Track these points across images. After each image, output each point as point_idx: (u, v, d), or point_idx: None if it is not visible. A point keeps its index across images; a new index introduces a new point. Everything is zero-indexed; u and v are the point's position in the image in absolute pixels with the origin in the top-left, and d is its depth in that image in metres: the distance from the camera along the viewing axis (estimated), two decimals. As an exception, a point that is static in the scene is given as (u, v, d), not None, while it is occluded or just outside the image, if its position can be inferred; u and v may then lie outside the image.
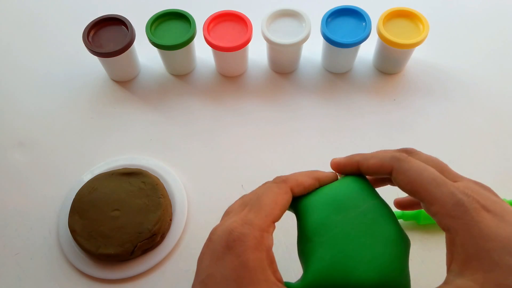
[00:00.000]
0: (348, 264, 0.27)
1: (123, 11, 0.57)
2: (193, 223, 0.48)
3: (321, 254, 0.28)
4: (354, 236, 0.28)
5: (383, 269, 0.26)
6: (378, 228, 0.28)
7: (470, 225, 0.24)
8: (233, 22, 0.56)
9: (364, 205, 0.29)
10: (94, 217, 0.45)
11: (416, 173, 0.27)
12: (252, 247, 0.25)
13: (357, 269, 0.26)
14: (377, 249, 0.27)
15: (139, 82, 0.60)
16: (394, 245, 0.27)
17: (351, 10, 0.55)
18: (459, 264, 0.24)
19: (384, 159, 0.29)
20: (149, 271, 0.45)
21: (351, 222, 0.29)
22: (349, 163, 0.32)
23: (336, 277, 0.27)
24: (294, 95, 0.58)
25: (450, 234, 0.25)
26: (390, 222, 0.28)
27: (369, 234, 0.28)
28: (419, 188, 0.26)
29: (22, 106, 0.58)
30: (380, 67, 0.59)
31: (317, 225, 0.29)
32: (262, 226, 0.27)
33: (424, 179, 0.26)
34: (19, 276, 0.46)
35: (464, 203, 0.25)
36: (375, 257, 0.27)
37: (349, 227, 0.28)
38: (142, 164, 0.51)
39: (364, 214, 0.29)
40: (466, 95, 0.57)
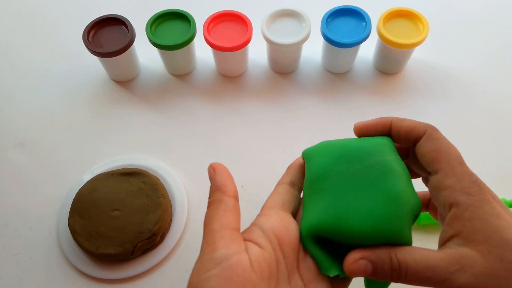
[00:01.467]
0: (342, 212, 0.27)
1: (123, 11, 0.57)
2: (193, 223, 0.48)
3: (316, 200, 0.28)
4: (354, 187, 0.27)
5: (379, 223, 0.26)
6: (383, 184, 0.27)
7: (483, 202, 0.25)
8: (233, 22, 0.56)
9: (373, 159, 0.29)
10: (94, 217, 0.45)
11: (445, 145, 0.28)
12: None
13: (350, 219, 0.26)
14: (376, 203, 0.26)
15: (139, 82, 0.60)
16: (395, 203, 0.26)
17: (351, 10, 0.55)
18: (463, 237, 0.25)
19: (419, 122, 0.30)
20: (149, 271, 0.45)
21: (354, 174, 0.28)
22: (382, 123, 0.32)
23: (328, 223, 0.27)
24: (294, 95, 0.58)
25: (458, 209, 0.25)
26: (398, 180, 0.28)
27: (371, 188, 0.27)
28: (443, 158, 0.27)
29: (22, 106, 0.58)
30: (380, 67, 0.59)
31: (318, 172, 0.29)
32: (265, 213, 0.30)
33: (450, 153, 0.27)
34: (19, 276, 0.46)
35: (480, 184, 0.26)
36: (371, 210, 0.26)
37: (351, 178, 0.28)
38: (142, 164, 0.51)
39: (370, 167, 0.28)
40: (466, 95, 0.57)
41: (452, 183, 0.26)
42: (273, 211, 0.30)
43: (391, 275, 0.25)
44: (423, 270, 0.24)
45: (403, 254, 0.25)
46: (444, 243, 0.26)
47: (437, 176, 0.27)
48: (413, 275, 0.25)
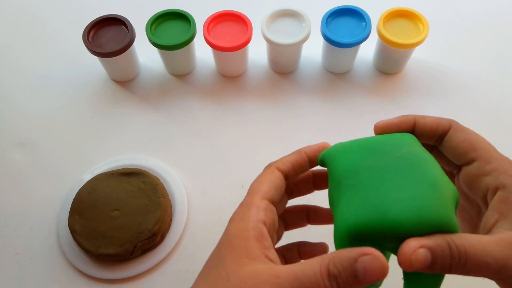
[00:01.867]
0: (381, 203, 0.24)
1: (123, 11, 0.57)
2: (193, 223, 0.48)
3: (349, 196, 0.26)
4: (389, 178, 0.25)
5: (425, 210, 0.23)
6: (418, 172, 0.25)
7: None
8: (233, 22, 0.56)
9: (403, 151, 0.27)
10: (94, 217, 0.45)
11: (474, 134, 0.28)
12: (237, 219, 0.27)
13: (392, 209, 0.24)
14: (418, 191, 0.24)
15: (139, 82, 0.60)
16: (437, 189, 0.24)
17: (351, 10, 0.55)
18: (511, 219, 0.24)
19: (442, 118, 0.29)
20: (149, 271, 0.45)
21: (386, 165, 0.26)
22: (405, 121, 0.30)
23: (370, 217, 0.24)
24: (294, 95, 0.58)
25: (505, 191, 0.25)
26: (433, 168, 0.26)
27: (407, 177, 0.25)
28: (477, 146, 0.27)
29: (22, 106, 0.58)
30: (380, 67, 0.59)
31: (347, 168, 0.27)
32: (247, 203, 0.28)
33: (482, 141, 0.27)
34: (19, 276, 0.46)
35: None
36: (414, 198, 0.24)
37: (384, 170, 0.26)
38: (142, 164, 0.51)
39: (401, 158, 0.26)
40: (465, 95, 0.57)
41: (495, 167, 0.26)
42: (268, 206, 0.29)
43: (451, 264, 0.23)
44: (483, 256, 0.22)
45: (460, 239, 0.23)
46: (490, 228, 0.25)
47: (476, 164, 0.27)
48: (473, 262, 0.22)
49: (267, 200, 0.28)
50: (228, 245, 0.26)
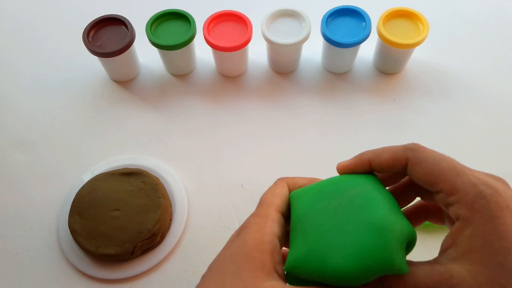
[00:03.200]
0: (325, 251, 0.25)
1: (123, 11, 0.57)
2: (193, 223, 0.48)
3: (300, 242, 0.27)
4: (335, 224, 0.26)
5: (363, 257, 0.24)
6: (364, 214, 0.26)
7: (486, 220, 0.23)
8: (233, 22, 0.56)
9: (353, 192, 0.28)
10: (94, 217, 0.45)
11: (434, 162, 0.26)
12: (253, 229, 0.27)
13: (334, 257, 0.25)
14: (359, 236, 0.25)
15: (139, 82, 0.60)
16: (379, 232, 0.24)
17: (351, 10, 0.55)
18: (459, 251, 0.24)
19: (397, 151, 0.28)
20: (149, 271, 0.45)
21: (333, 210, 0.27)
22: (360, 163, 0.30)
23: (313, 265, 0.25)
24: (294, 95, 0.58)
25: (462, 224, 0.24)
26: (380, 208, 0.26)
27: (352, 221, 0.26)
28: (438, 178, 0.25)
29: (22, 106, 0.58)
30: (380, 67, 0.59)
31: (301, 213, 0.28)
32: (264, 214, 0.28)
33: (443, 168, 0.25)
34: (19, 276, 0.46)
35: (486, 196, 0.24)
36: (354, 245, 0.25)
37: (332, 214, 0.27)
38: (142, 164, 0.51)
39: (350, 200, 0.27)
40: (465, 95, 0.57)
41: (456, 199, 0.25)
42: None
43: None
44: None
45: (393, 280, 0.25)
46: (442, 252, 0.25)
47: (440, 195, 0.26)
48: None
49: (280, 213, 0.29)
50: (245, 256, 0.26)
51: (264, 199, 0.30)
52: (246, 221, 0.28)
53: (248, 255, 0.26)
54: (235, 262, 0.26)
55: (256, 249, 0.26)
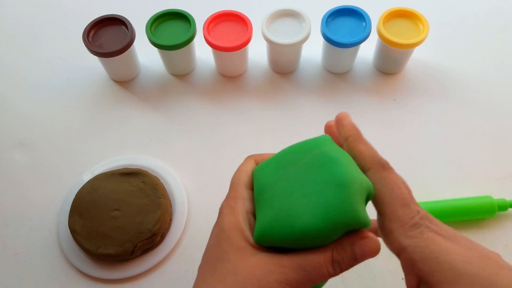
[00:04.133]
0: (291, 214, 0.26)
1: (123, 11, 0.57)
2: (193, 223, 0.48)
3: (265, 211, 0.28)
4: (297, 187, 0.27)
5: (329, 213, 0.25)
6: (325, 173, 0.26)
7: (428, 241, 0.25)
8: (233, 22, 0.56)
9: (310, 155, 0.28)
10: (94, 217, 0.45)
11: (389, 187, 0.27)
12: (227, 213, 0.29)
13: (300, 218, 0.25)
14: (322, 194, 0.26)
15: (139, 82, 0.60)
16: (343, 187, 0.25)
17: (351, 10, 0.55)
18: (425, 281, 0.24)
19: (374, 155, 0.29)
20: (149, 271, 0.45)
21: (294, 174, 0.28)
22: (341, 130, 0.31)
23: (281, 230, 0.26)
24: (294, 95, 0.58)
25: (407, 253, 0.25)
26: (340, 165, 0.26)
27: (314, 181, 0.26)
28: (385, 200, 0.27)
29: (22, 106, 0.58)
30: (380, 67, 0.59)
31: (262, 185, 0.29)
32: (233, 195, 0.30)
33: (394, 196, 0.27)
34: (19, 276, 0.46)
35: (421, 226, 0.26)
36: (318, 203, 0.25)
37: (292, 179, 0.28)
38: (142, 164, 0.51)
39: (308, 164, 0.28)
40: (465, 95, 0.57)
41: (394, 227, 0.26)
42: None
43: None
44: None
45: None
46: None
47: (381, 218, 0.27)
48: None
49: (250, 189, 0.30)
50: (226, 240, 0.27)
51: (233, 180, 0.31)
52: (220, 206, 0.30)
53: (228, 238, 0.27)
54: (219, 247, 0.27)
55: (234, 231, 0.27)
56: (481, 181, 0.50)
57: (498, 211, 0.46)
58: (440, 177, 0.51)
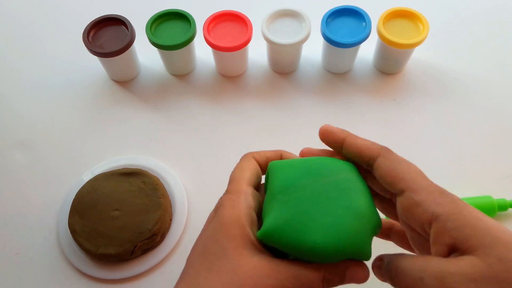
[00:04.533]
0: (306, 225, 0.26)
1: (123, 11, 0.57)
2: (193, 223, 0.48)
3: (281, 210, 0.27)
4: (320, 201, 0.27)
5: (343, 237, 0.25)
6: (348, 199, 0.27)
7: (460, 208, 0.24)
8: (233, 22, 0.56)
9: (339, 176, 0.28)
10: (94, 217, 0.45)
11: (403, 163, 0.27)
12: (228, 206, 0.28)
13: (314, 232, 0.26)
14: (341, 218, 0.26)
15: (139, 82, 0.60)
16: (360, 219, 0.26)
17: (351, 10, 0.55)
18: (456, 247, 0.24)
19: (374, 144, 0.29)
20: (149, 271, 0.46)
21: (319, 188, 0.28)
22: (336, 134, 0.31)
23: (290, 235, 0.26)
24: (294, 95, 0.58)
25: (440, 222, 0.24)
26: (363, 197, 0.27)
27: (336, 202, 0.27)
28: (406, 176, 0.26)
29: (22, 106, 0.58)
30: (380, 67, 0.59)
31: (285, 184, 0.29)
32: (235, 189, 0.29)
33: (411, 169, 0.27)
34: (19, 276, 0.46)
35: (449, 193, 0.26)
36: (336, 224, 0.26)
37: (317, 191, 0.28)
38: (142, 164, 0.51)
39: (336, 183, 0.28)
40: (465, 95, 0.57)
41: (423, 198, 0.25)
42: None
43: (385, 279, 0.26)
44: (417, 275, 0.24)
45: (397, 260, 0.26)
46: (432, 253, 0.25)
47: (405, 195, 0.26)
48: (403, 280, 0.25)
49: (252, 186, 0.30)
50: (225, 234, 0.27)
51: (233, 175, 0.31)
52: (219, 199, 0.29)
53: (228, 232, 0.27)
54: (217, 241, 0.27)
55: (235, 226, 0.27)
56: (481, 181, 0.50)
57: (498, 211, 0.46)
58: (440, 177, 0.50)
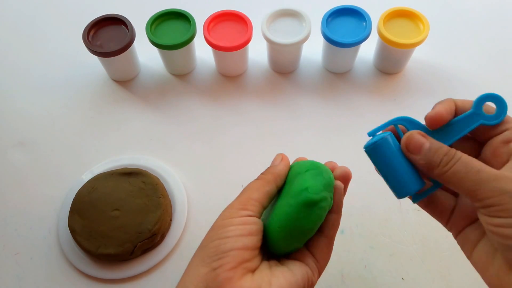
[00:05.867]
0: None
1: (123, 11, 0.57)
2: (193, 223, 0.48)
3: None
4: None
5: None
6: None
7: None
8: (233, 22, 0.56)
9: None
10: (94, 217, 0.45)
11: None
12: (226, 215, 0.30)
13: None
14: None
15: (139, 82, 0.60)
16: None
17: (351, 9, 0.55)
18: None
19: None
20: (149, 271, 0.45)
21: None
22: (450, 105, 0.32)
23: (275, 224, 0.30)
24: (294, 95, 0.58)
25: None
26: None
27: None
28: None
29: (22, 106, 0.58)
30: (380, 67, 0.59)
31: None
32: (236, 205, 0.31)
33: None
34: (19, 276, 0.46)
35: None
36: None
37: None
38: (142, 164, 0.51)
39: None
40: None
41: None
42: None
43: (441, 160, 0.27)
44: (473, 165, 0.25)
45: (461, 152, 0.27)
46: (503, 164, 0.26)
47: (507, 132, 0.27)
48: (462, 166, 0.26)
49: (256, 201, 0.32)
50: (219, 223, 0.31)
51: (244, 191, 0.33)
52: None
53: (224, 216, 0.31)
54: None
55: (228, 214, 0.31)
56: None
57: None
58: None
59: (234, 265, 0.27)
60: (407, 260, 0.45)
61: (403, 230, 0.47)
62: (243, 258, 0.28)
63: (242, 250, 0.28)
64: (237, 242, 0.28)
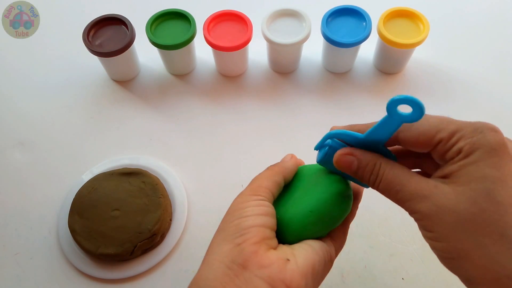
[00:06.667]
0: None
1: (123, 11, 0.57)
2: (193, 223, 0.48)
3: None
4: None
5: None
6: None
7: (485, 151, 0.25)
8: (233, 21, 0.56)
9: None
10: (94, 217, 0.45)
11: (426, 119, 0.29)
12: (239, 201, 0.31)
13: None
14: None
15: (139, 82, 0.60)
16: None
17: (351, 9, 0.55)
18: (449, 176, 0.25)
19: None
20: (149, 271, 0.45)
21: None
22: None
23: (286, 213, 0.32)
24: (294, 95, 0.58)
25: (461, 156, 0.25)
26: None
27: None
28: (436, 129, 0.28)
29: (22, 106, 0.58)
30: (380, 67, 0.59)
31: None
32: (248, 192, 0.32)
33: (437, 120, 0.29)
34: (19, 276, 0.46)
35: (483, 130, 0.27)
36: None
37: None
38: (142, 164, 0.51)
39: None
40: (466, 95, 0.57)
41: (456, 140, 0.26)
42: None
43: (369, 178, 0.28)
44: (394, 184, 0.26)
45: (386, 165, 0.27)
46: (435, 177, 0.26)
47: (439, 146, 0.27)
48: (385, 186, 0.27)
49: (267, 189, 0.32)
50: (231, 211, 0.31)
51: (254, 180, 0.33)
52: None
53: (235, 206, 0.31)
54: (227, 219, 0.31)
55: (239, 203, 0.30)
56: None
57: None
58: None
59: (257, 240, 0.28)
60: (407, 260, 0.45)
61: (403, 230, 0.47)
62: (265, 234, 0.28)
63: (263, 228, 0.28)
64: (256, 219, 0.29)
